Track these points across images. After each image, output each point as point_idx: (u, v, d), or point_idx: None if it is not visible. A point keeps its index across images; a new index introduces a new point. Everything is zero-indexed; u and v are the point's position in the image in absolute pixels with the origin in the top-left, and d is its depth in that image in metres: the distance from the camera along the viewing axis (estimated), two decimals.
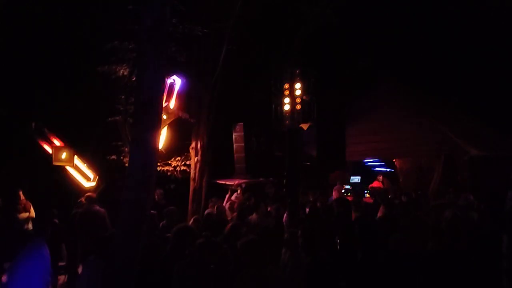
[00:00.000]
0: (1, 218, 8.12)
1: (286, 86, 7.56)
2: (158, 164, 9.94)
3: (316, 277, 4.22)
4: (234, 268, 4.16)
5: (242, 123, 11.86)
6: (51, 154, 8.51)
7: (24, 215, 8.34)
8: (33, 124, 8.62)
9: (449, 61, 12.44)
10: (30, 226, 8.28)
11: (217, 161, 11.69)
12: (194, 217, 7.75)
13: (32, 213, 8.48)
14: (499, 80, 11.47)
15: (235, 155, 12.19)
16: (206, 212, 8.20)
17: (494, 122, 11.37)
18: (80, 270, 6.83)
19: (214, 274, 4.15)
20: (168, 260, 4.44)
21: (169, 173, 11.07)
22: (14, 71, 10.40)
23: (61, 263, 7.57)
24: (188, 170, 10.95)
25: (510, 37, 10.65)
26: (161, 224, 6.77)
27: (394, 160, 14.67)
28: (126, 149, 9.69)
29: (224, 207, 8.46)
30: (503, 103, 11.16)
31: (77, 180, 8.90)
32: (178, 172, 11.15)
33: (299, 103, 7.48)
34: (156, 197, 9.16)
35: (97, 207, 7.33)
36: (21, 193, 8.51)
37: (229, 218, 7.78)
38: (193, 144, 10.68)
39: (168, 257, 4.52)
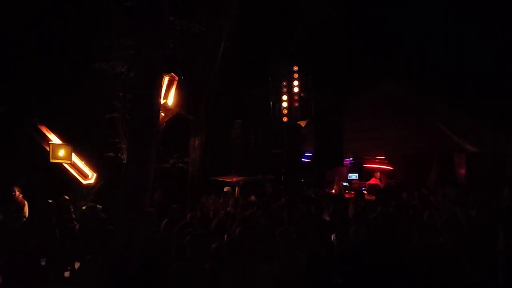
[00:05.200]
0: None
1: (284, 83, 7.57)
2: (156, 161, 9.92)
3: (313, 274, 4.24)
4: (221, 264, 4.17)
5: (240, 120, 11.84)
6: (49, 151, 8.50)
7: (15, 214, 8.29)
8: (30, 121, 8.60)
9: (447, 59, 12.45)
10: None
11: (215, 158, 11.69)
12: (191, 213, 7.75)
13: (26, 212, 8.42)
14: (496, 77, 11.50)
15: (232, 153, 12.18)
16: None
17: (491, 120, 11.41)
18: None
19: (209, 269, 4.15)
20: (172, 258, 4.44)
21: (166, 170, 11.05)
22: (11, 68, 10.36)
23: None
24: (185, 167, 10.95)
25: (507, 35, 10.68)
26: (164, 222, 6.70)
27: (393, 157, 14.69)
28: (124, 146, 9.68)
29: (209, 203, 8.45)
30: (500, 100, 11.19)
31: (75, 177, 8.90)
32: (176, 170, 11.14)
33: (297, 100, 7.49)
34: (156, 195, 9.15)
35: None
36: (17, 191, 8.46)
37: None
38: (191, 141, 10.68)
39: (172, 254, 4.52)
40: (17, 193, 8.44)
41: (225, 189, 10.08)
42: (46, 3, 10.28)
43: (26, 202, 8.48)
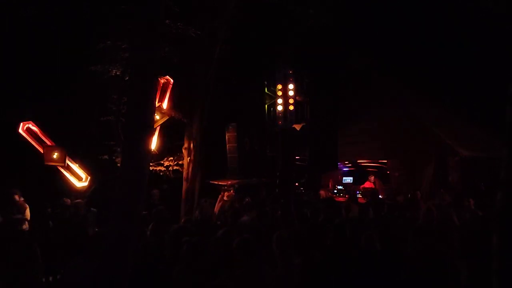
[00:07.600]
0: None
1: (279, 87, 7.60)
2: (151, 164, 9.90)
3: (309, 277, 4.23)
4: (229, 268, 4.16)
5: (235, 124, 11.83)
6: (43, 154, 8.44)
7: (17, 216, 8.21)
8: (24, 124, 8.55)
9: (441, 62, 12.53)
10: (24, 227, 8.16)
11: (210, 162, 11.67)
12: (185, 217, 7.74)
13: (27, 215, 8.34)
14: (489, 81, 11.58)
15: (228, 156, 12.17)
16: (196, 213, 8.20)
17: (484, 123, 11.48)
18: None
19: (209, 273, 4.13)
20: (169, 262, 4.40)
21: (161, 173, 11.03)
22: (5, 70, 10.31)
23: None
24: (180, 170, 10.93)
25: (501, 38, 10.77)
26: (151, 225, 6.62)
27: (385, 161, 14.76)
28: (119, 149, 9.65)
29: (208, 207, 8.42)
30: (494, 104, 11.26)
31: (69, 180, 8.85)
32: (171, 172, 11.12)
33: (292, 104, 7.52)
34: (151, 198, 9.11)
35: None
36: (17, 195, 8.37)
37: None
38: (186, 144, 10.66)
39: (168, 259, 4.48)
40: (17, 197, 8.35)
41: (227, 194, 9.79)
42: (41, 6, 10.25)
43: (27, 206, 8.39)
